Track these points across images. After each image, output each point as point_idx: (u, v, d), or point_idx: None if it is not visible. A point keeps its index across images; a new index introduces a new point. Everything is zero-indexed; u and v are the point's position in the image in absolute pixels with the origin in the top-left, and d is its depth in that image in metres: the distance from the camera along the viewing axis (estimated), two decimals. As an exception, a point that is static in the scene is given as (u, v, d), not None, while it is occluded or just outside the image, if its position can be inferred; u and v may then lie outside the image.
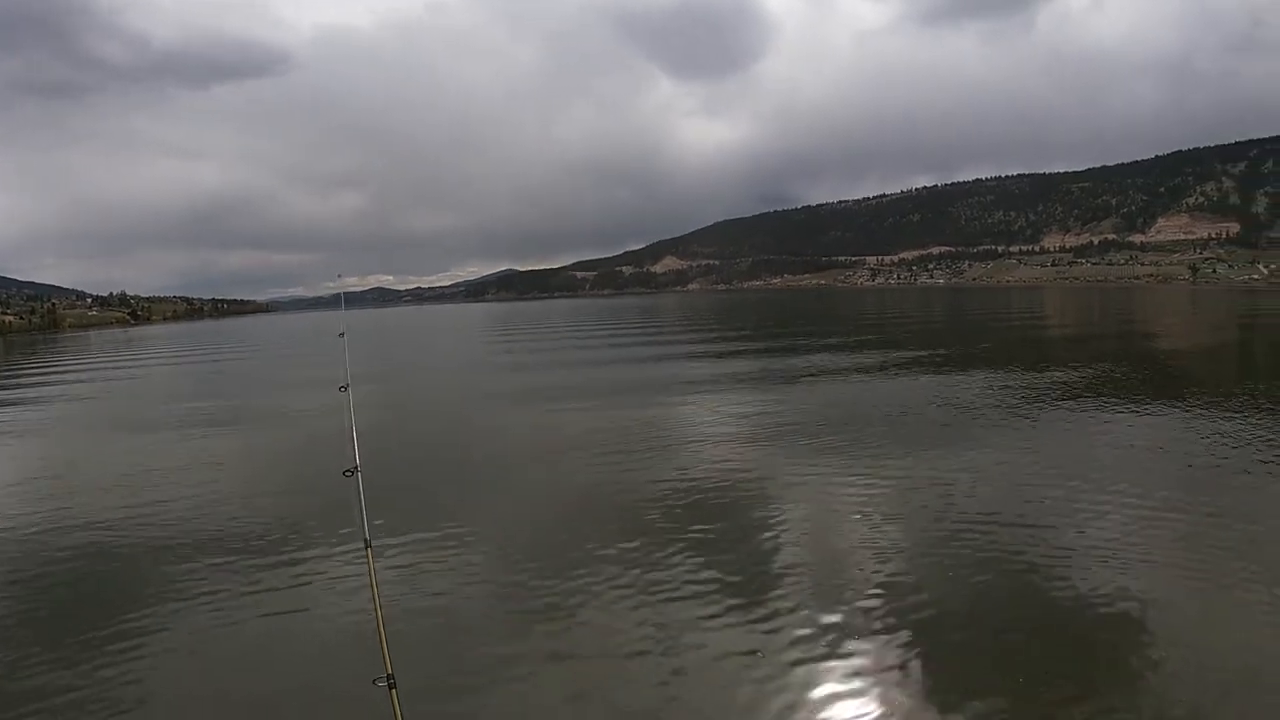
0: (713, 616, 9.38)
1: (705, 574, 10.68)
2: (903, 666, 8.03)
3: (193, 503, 15.78)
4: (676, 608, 9.74)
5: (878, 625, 8.85)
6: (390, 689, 4.71)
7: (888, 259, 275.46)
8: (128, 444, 22.62)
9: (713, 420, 21.14)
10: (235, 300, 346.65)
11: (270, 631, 9.88)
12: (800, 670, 8.12)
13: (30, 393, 42.72)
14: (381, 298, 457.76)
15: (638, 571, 10.86)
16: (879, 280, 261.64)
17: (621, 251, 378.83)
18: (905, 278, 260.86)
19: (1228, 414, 19.32)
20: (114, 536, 14.15)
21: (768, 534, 12.10)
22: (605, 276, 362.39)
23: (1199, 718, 6.83)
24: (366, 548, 6.12)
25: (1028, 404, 21.65)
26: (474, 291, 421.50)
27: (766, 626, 9.07)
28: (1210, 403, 20.83)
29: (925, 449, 16.73)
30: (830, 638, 8.64)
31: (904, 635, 8.63)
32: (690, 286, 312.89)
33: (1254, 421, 18.18)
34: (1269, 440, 16.30)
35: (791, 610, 9.46)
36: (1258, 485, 13.62)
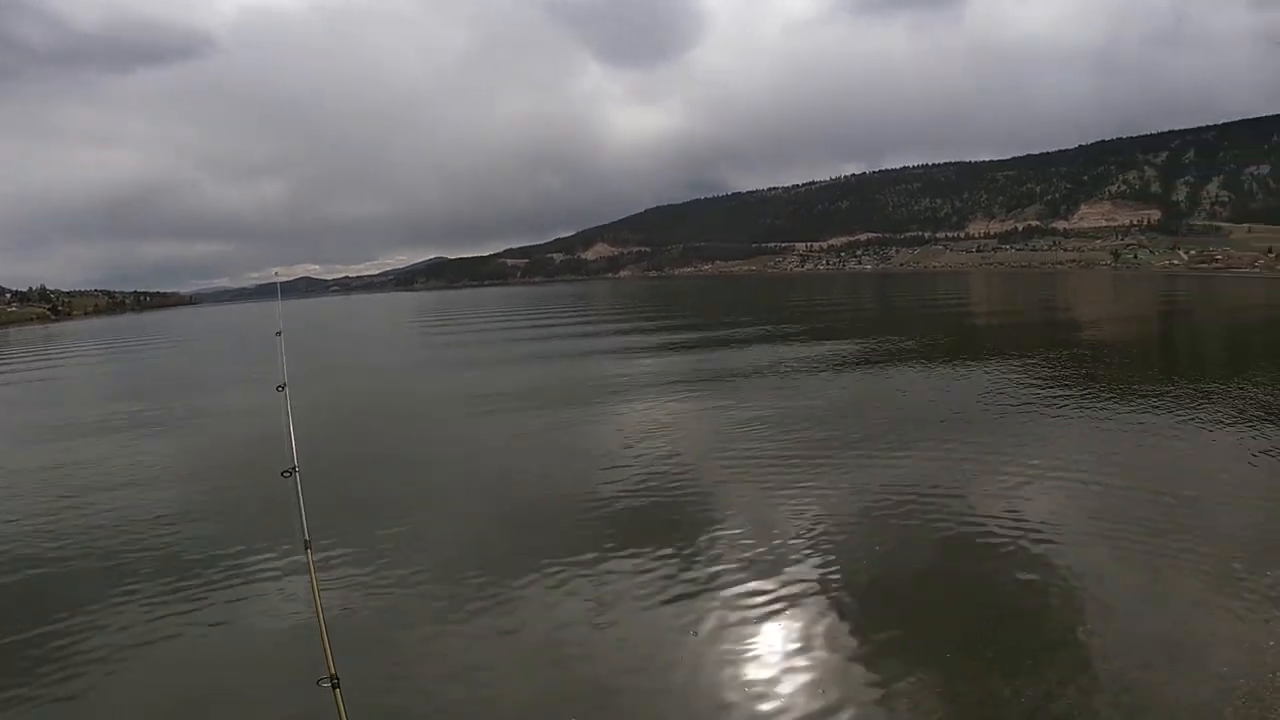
0: (652, 605, 9.35)
1: (643, 565, 10.58)
2: (836, 642, 8.14)
3: (124, 510, 15.05)
4: (615, 597, 9.72)
5: (812, 606, 8.93)
6: (334, 689, 4.60)
7: (817, 245, 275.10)
8: (53, 449, 21.41)
9: (648, 414, 20.83)
10: (158, 293, 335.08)
11: (210, 637, 9.56)
12: (737, 648, 8.20)
13: None
14: (308, 288, 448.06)
15: (577, 563, 10.77)
16: (808, 266, 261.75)
17: (552, 239, 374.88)
18: (834, 263, 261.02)
19: (1151, 395, 19.75)
20: (40, 547, 13.44)
21: (703, 523, 12.01)
22: (536, 264, 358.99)
23: (1128, 689, 6.88)
24: (307, 549, 5.92)
25: (956, 390, 21.98)
26: (403, 280, 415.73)
27: (704, 608, 9.08)
28: (1133, 384, 21.62)
29: (856, 435, 16.91)
30: (765, 620, 8.71)
31: (836, 612, 8.76)
32: (622, 273, 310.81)
33: (1176, 401, 18.64)
34: (1193, 420, 16.68)
35: (728, 590, 9.52)
36: (1184, 463, 13.87)
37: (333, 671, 4.69)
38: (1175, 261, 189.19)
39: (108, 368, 50.83)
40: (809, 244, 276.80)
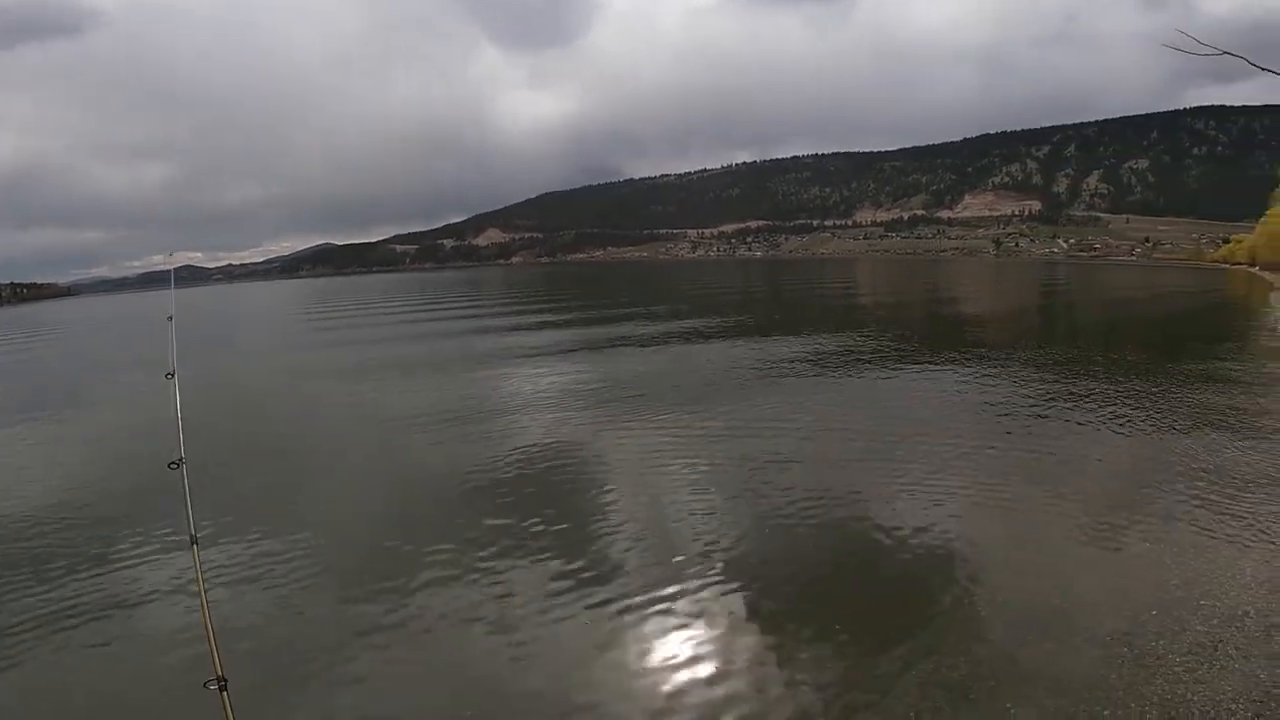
0: (551, 590, 9.14)
1: (539, 546, 10.48)
2: (726, 619, 8.09)
3: None
4: (513, 582, 9.47)
5: (702, 581, 8.87)
6: (221, 691, 4.37)
7: (708, 232, 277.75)
8: None
9: (541, 394, 20.92)
10: (34, 285, 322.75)
11: (90, 639, 9.04)
12: (631, 629, 8.07)
13: None
14: (192, 276, 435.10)
15: (472, 550, 10.49)
16: (700, 252, 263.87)
17: (442, 224, 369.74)
18: (725, 250, 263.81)
19: (1026, 369, 20.71)
20: None
21: (596, 501, 12.07)
22: (426, 250, 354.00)
23: (1009, 653, 7.02)
24: (193, 544, 5.52)
25: (841, 364, 22.51)
26: (288, 268, 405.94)
27: (600, 589, 8.95)
28: (1010, 359, 22.51)
29: (744, 408, 17.18)
30: (658, 595, 8.61)
31: (726, 588, 8.72)
32: (513, 259, 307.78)
33: (1051, 375, 19.62)
34: (1067, 392, 17.40)
35: (622, 572, 9.42)
36: (1056, 433, 14.26)
37: (220, 673, 4.36)
38: (1055, 250, 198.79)
39: None
40: (701, 230, 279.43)
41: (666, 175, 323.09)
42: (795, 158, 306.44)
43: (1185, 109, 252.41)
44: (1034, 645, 7.13)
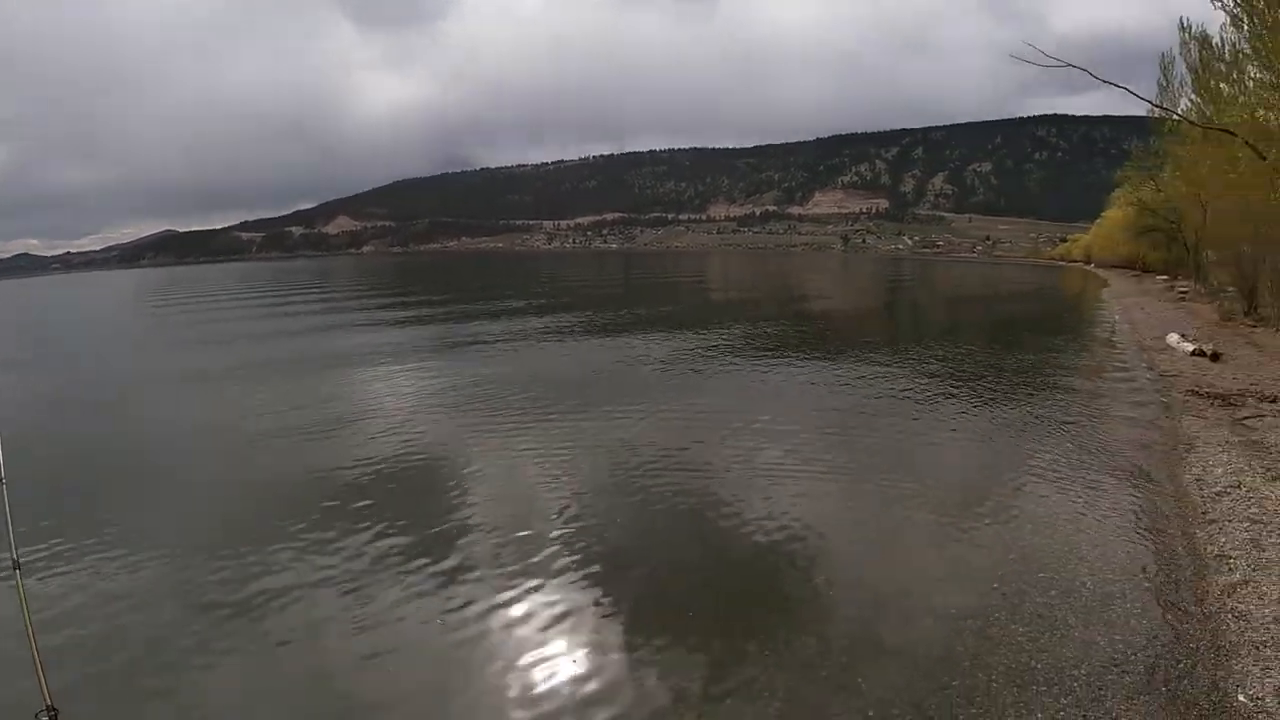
0: (409, 594, 8.80)
1: (395, 550, 10.03)
2: (584, 615, 7.89)
3: None
4: (370, 588, 9.09)
5: (560, 578, 8.67)
6: None
7: (564, 223, 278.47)
8: None
9: (396, 394, 20.22)
10: None
11: None
12: (490, 630, 7.80)
13: None
14: (31, 265, 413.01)
15: (326, 557, 10.06)
16: (555, 244, 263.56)
17: (292, 211, 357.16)
18: (581, 242, 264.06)
19: (872, 358, 21.16)
20: None
21: (454, 502, 11.61)
22: (274, 238, 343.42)
23: (859, 631, 7.11)
24: (15, 569, 5.15)
25: (694, 357, 22.37)
26: (129, 256, 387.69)
27: (458, 590, 8.66)
28: (857, 349, 23.05)
29: (598, 405, 16.79)
30: (516, 595, 8.38)
31: (584, 584, 8.51)
32: (365, 249, 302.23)
33: (896, 364, 20.02)
34: (912, 381, 17.66)
35: (480, 573, 9.09)
36: (901, 421, 14.46)
37: (49, 703, 4.30)
38: (900, 246, 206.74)
39: None
40: (557, 222, 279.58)
41: (523, 165, 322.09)
42: (652, 151, 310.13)
43: (1029, 116, 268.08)
44: (883, 623, 7.28)
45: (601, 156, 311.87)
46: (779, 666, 6.68)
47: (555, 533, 9.98)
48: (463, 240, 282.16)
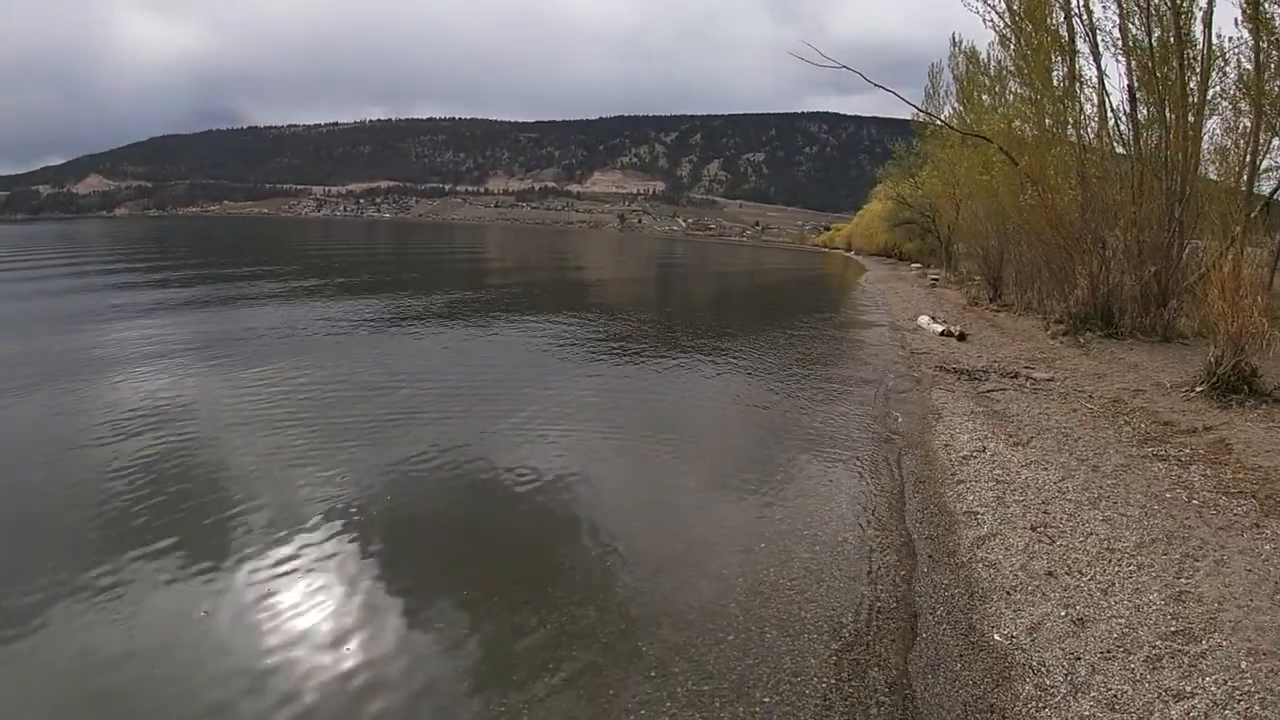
0: (162, 579, 8.02)
1: (140, 527, 9.09)
2: (354, 589, 7.59)
3: None
4: (116, 574, 8.14)
5: (327, 550, 8.33)
6: None
7: (335, 190, 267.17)
8: None
9: (138, 353, 18.14)
10: None
11: None
12: (256, 615, 7.27)
13: None
14: None
15: (61, 544, 8.96)
16: (325, 211, 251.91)
17: (39, 167, 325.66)
18: (353, 210, 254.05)
19: (638, 329, 21.77)
20: None
21: (206, 470, 10.84)
22: (18, 197, 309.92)
23: (634, 597, 7.14)
24: None
25: (465, 321, 22.51)
26: None
27: (211, 577, 7.99)
28: (625, 321, 23.44)
29: (363, 364, 16.43)
30: (280, 570, 7.97)
31: (352, 556, 8.23)
32: (118, 211, 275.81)
33: (670, 334, 20.79)
34: (684, 351, 18.12)
35: (235, 553, 8.49)
36: (669, 387, 14.71)
37: None
38: (674, 228, 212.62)
39: None
40: (328, 188, 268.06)
41: (294, 126, 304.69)
42: (431, 119, 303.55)
43: (803, 112, 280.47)
44: (659, 587, 7.34)
45: (378, 121, 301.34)
46: (561, 637, 6.64)
47: (316, 501, 9.44)
48: (225, 204, 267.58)
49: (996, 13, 20.43)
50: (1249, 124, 16.96)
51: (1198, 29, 17.24)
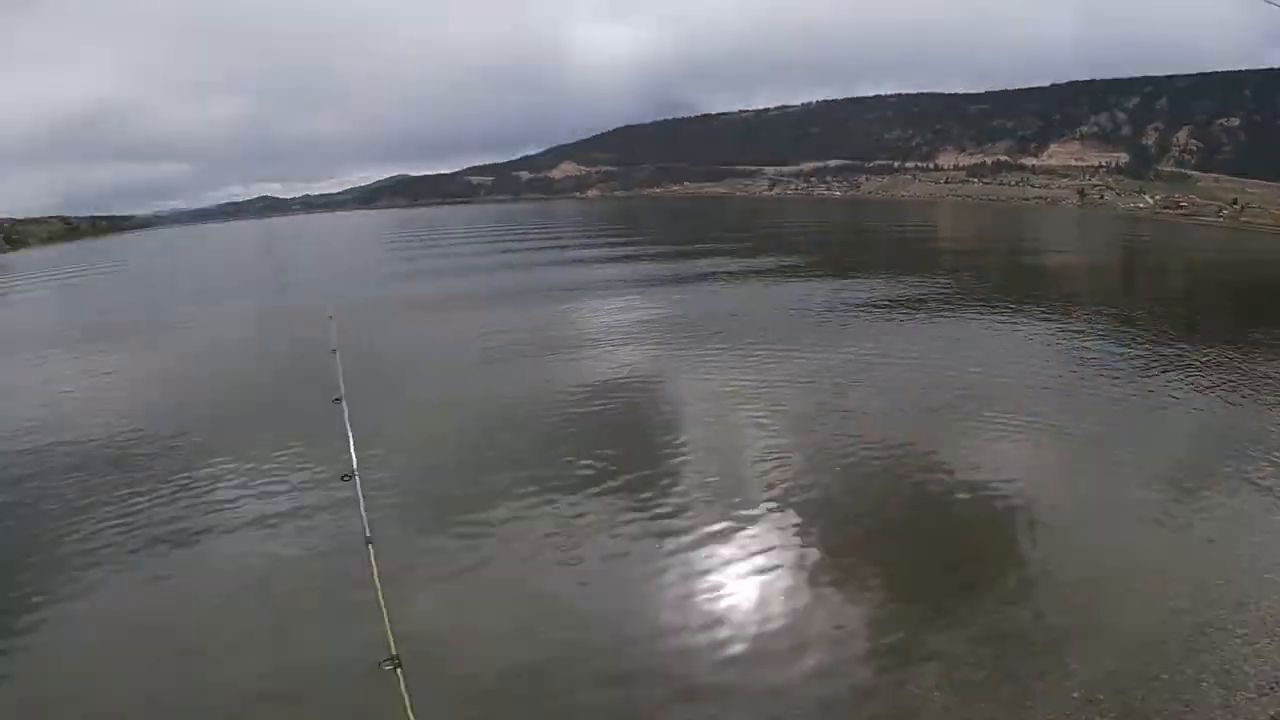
0: (619, 520, 9.66)
1: (610, 478, 10.92)
2: (794, 557, 8.36)
3: (145, 430, 14.95)
4: (584, 514, 9.98)
5: (772, 519, 9.19)
6: (395, 669, 4.68)
7: (786, 169, 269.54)
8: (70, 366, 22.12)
9: (620, 328, 21.30)
10: (115, 217, 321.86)
11: (243, 603, 9.23)
12: (699, 561, 8.44)
13: None
14: (272, 206, 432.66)
15: (550, 483, 11.02)
16: (777, 190, 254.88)
17: (519, 156, 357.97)
18: (803, 188, 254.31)
19: (1109, 327, 20.35)
20: (44, 464, 13.45)
21: (669, 436, 12.42)
22: (502, 182, 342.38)
23: (1070, 611, 7.16)
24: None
25: (921, 309, 22.64)
26: (365, 198, 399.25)
27: (669, 522, 9.36)
28: (1093, 316, 22.08)
29: (820, 350, 17.13)
30: (728, 531, 9.00)
31: (795, 527, 9.00)
32: (589, 193, 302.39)
33: (1137, 335, 19.06)
34: (1153, 355, 17.16)
35: (691, 505, 9.77)
36: (1133, 396, 14.27)
37: (394, 652, 4.78)
38: (1141, 205, 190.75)
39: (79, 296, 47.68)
40: (779, 168, 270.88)
41: (744, 111, 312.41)
42: (877, 97, 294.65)
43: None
44: (1098, 602, 7.23)
45: (824, 101, 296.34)
46: (987, 634, 6.90)
47: (764, 473, 10.64)
48: (685, 185, 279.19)
49: None
50: None
51: None
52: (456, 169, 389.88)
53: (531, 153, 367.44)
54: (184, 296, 37.67)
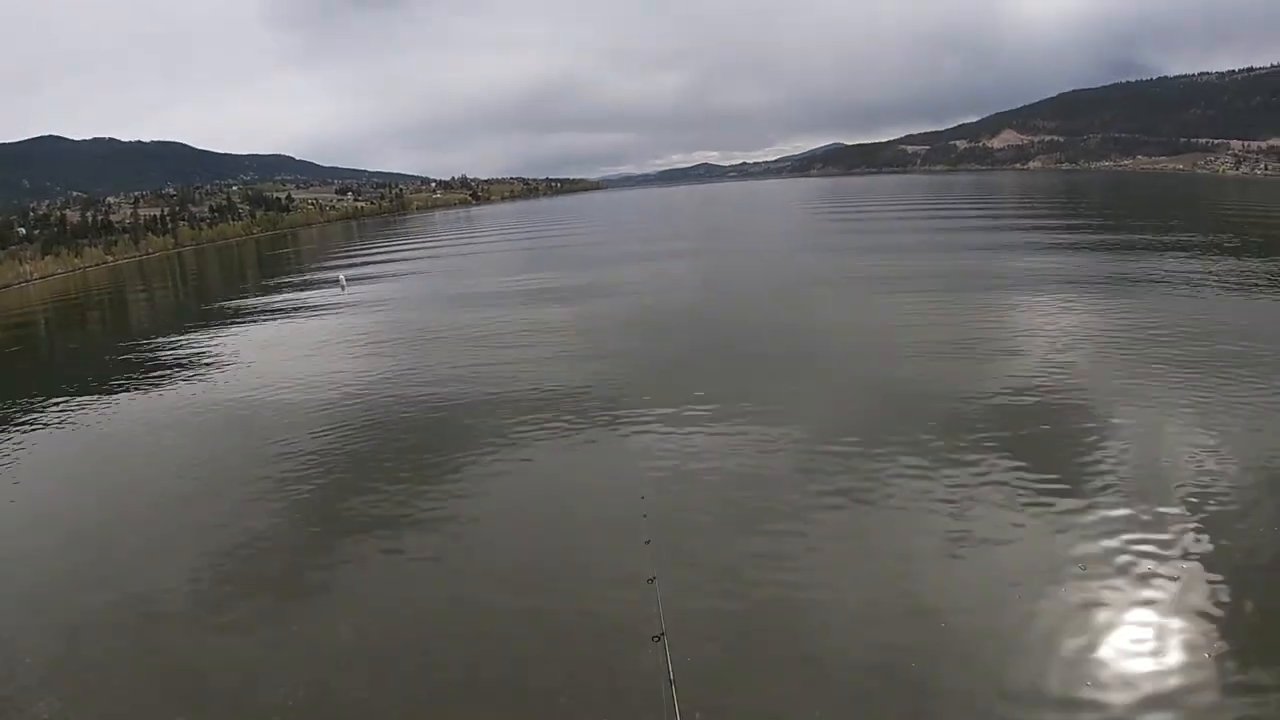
0: (1021, 522, 10.02)
1: (1016, 480, 11.20)
2: (1212, 612, 8.03)
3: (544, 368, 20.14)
4: (984, 510, 10.36)
5: (1194, 564, 8.89)
6: (661, 641, 5.77)
7: (1255, 145, 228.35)
8: (472, 315, 28.78)
9: (1049, 329, 20.60)
10: (567, 179, 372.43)
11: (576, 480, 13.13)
12: (1111, 593, 8.57)
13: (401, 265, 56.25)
14: (708, 173, 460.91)
15: (947, 471, 11.45)
16: (1243, 170, 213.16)
17: (955, 124, 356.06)
18: (1274, 169, 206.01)
19: None
20: (459, 391, 18.71)
21: (1089, 450, 12.15)
22: (937, 151, 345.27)
23: None
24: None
25: None
26: (799, 166, 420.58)
27: (1077, 537, 9.54)
28: None
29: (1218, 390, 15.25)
30: (1142, 563, 9.01)
31: (1218, 578, 8.64)
32: (1031, 164, 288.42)
33: None
34: None
35: (1103, 528, 9.74)
36: None
37: (662, 629, 5.77)
38: None
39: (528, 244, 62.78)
40: (1246, 143, 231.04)
41: (1205, 74, 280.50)
42: None
43: None
44: None
45: None
46: None
47: (1194, 509, 10.09)
48: (1138, 159, 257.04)
49: None
50: None
51: None
52: (889, 137, 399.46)
53: (968, 120, 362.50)
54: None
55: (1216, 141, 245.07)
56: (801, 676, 8.02)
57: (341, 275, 49.97)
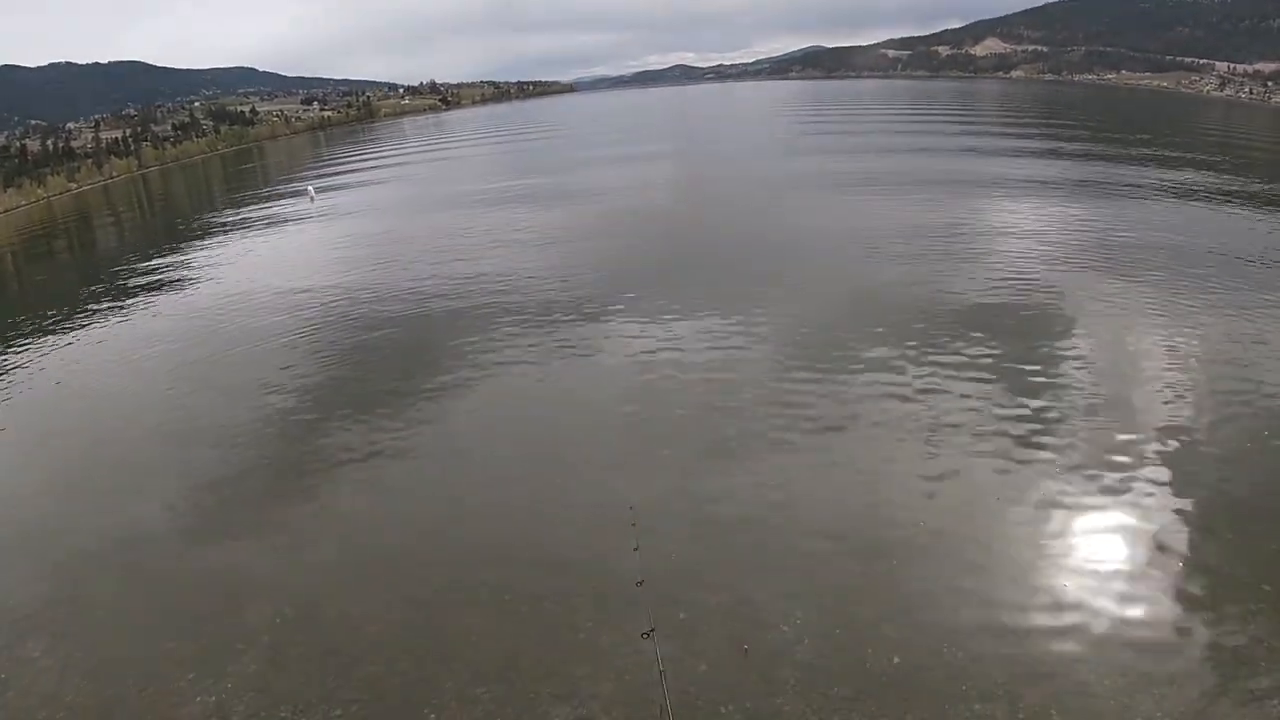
0: (989, 450, 9.98)
1: (983, 379, 11.49)
2: (1182, 543, 8.03)
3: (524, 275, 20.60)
4: (942, 414, 10.60)
5: (1162, 489, 8.79)
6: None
7: (1240, 68, 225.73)
8: (448, 216, 29.67)
9: (1027, 231, 21.07)
10: (539, 82, 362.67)
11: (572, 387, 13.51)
12: (1084, 497, 8.63)
13: (365, 175, 57.47)
14: (684, 75, 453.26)
15: (916, 389, 11.60)
16: (1227, 92, 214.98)
17: (939, 30, 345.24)
18: (1259, 94, 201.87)
19: None
20: (435, 302, 19.37)
21: (1058, 352, 12.33)
22: (919, 57, 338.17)
23: None
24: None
25: None
26: (777, 69, 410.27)
27: (1034, 462, 9.60)
28: None
29: (1259, 298, 15.60)
30: (1108, 488, 8.98)
31: (1189, 502, 8.56)
32: (1014, 73, 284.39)
33: None
34: None
35: (1060, 434, 9.84)
36: None
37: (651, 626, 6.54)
38: None
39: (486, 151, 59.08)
40: (1232, 65, 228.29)
41: None
42: None
43: None
44: None
45: None
46: None
47: (1162, 430, 10.01)
48: (1122, 74, 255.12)
49: None
50: None
51: None
52: (871, 41, 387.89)
53: (952, 26, 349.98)
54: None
55: (1202, 62, 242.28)
56: (780, 575, 8.64)
57: (310, 187, 53.31)
